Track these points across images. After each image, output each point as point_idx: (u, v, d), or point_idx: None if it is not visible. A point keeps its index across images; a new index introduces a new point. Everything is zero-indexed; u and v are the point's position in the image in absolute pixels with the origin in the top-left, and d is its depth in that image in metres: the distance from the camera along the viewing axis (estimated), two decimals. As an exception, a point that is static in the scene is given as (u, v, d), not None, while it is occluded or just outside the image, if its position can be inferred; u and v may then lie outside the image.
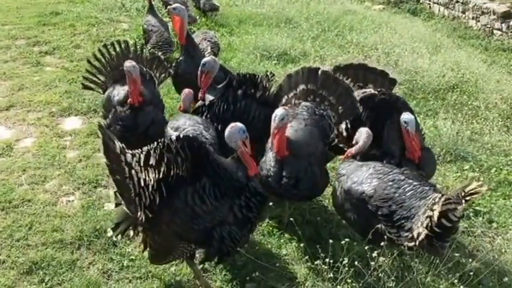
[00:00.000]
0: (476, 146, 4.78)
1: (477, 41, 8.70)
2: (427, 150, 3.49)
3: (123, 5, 8.23)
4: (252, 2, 8.81)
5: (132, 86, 3.72)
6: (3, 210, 3.72)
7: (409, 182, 2.83)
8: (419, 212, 2.66)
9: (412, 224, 2.67)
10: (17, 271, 3.21)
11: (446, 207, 2.50)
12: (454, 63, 6.45)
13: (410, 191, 2.78)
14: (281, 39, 6.86)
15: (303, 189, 3.24)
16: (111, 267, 3.27)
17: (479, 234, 3.56)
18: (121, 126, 3.76)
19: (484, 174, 4.38)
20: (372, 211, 2.84)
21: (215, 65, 3.97)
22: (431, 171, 3.42)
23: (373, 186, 2.86)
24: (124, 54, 4.20)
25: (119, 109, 3.78)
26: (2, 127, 4.90)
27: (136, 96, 3.73)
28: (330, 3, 9.33)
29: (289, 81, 3.72)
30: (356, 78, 3.77)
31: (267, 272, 3.14)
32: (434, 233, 2.58)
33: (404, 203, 2.75)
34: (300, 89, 3.65)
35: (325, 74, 3.62)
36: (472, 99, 5.64)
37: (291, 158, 3.22)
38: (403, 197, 2.78)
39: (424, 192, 2.76)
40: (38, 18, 7.84)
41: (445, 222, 2.52)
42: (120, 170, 2.70)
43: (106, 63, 4.20)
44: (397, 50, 6.61)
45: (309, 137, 3.36)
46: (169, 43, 5.95)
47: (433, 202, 2.62)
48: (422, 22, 9.59)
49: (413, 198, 2.75)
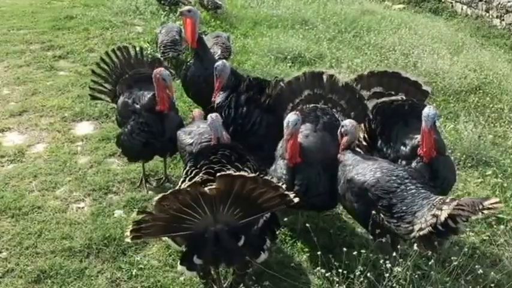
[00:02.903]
0: (500, 151, 4.64)
1: (502, 40, 8.52)
2: (446, 157, 3.34)
3: (137, 8, 8.23)
4: (268, 4, 8.74)
5: (164, 93, 3.71)
6: (13, 217, 3.69)
7: (413, 181, 2.88)
8: (422, 209, 2.70)
9: (414, 218, 2.71)
10: (25, 280, 3.17)
11: (458, 212, 2.53)
12: (477, 64, 6.28)
13: (413, 189, 2.82)
14: (296, 41, 6.77)
15: (315, 198, 3.16)
16: (120, 276, 3.22)
17: (501, 243, 3.44)
18: (148, 133, 3.78)
19: (507, 180, 4.23)
20: (372, 200, 2.89)
21: (225, 69, 3.94)
22: (448, 178, 3.27)
23: (376, 178, 2.92)
24: (126, 60, 4.21)
25: (146, 115, 3.77)
26: (15, 132, 4.90)
27: (166, 103, 3.74)
28: (348, 4, 9.21)
29: (291, 87, 3.64)
30: (389, 87, 3.66)
31: (279, 282, 3.06)
32: (437, 231, 2.62)
33: (405, 199, 2.80)
34: (305, 94, 3.57)
35: (332, 78, 3.56)
36: (496, 101, 5.48)
37: (303, 165, 3.14)
38: (405, 193, 2.82)
39: (426, 194, 2.80)
40: (53, 22, 7.88)
41: (451, 224, 2.56)
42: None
43: (111, 71, 4.20)
44: (416, 51, 6.45)
45: (320, 143, 3.28)
46: (174, 42, 5.90)
47: (441, 202, 2.65)
48: (444, 21, 9.46)
49: (416, 197, 2.79)
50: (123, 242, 3.41)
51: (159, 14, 7.89)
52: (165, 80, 3.66)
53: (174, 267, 3.24)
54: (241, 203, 2.50)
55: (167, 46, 5.88)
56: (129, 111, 3.87)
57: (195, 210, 2.47)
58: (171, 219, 2.48)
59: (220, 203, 2.48)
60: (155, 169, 4.29)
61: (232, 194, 2.45)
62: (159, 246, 3.42)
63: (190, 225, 2.51)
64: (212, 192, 2.43)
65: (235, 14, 8.06)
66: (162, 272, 3.24)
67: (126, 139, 3.85)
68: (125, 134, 3.86)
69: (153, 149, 3.90)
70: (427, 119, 3.08)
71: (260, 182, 2.49)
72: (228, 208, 2.50)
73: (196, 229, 2.53)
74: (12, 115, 5.17)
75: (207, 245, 2.55)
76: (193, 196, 2.42)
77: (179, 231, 2.55)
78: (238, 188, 2.44)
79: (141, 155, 3.96)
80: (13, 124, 5.01)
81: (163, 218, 2.48)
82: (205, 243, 2.55)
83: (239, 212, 2.52)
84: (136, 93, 3.89)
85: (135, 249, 3.41)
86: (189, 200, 2.42)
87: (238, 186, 2.44)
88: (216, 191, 2.43)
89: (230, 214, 2.52)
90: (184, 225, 2.51)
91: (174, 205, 2.43)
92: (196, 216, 2.49)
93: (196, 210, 2.47)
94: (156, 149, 3.91)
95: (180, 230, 2.54)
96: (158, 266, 3.29)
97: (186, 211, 2.46)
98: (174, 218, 2.48)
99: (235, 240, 2.58)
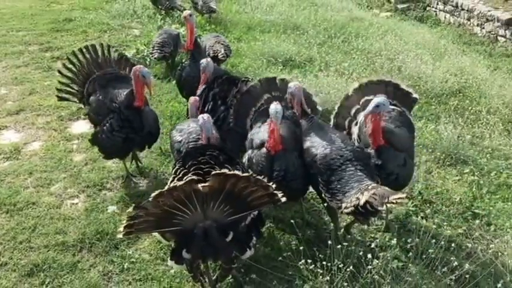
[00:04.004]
0: (477, 150, 4.80)
1: (482, 47, 8.80)
2: (401, 153, 3.38)
3: (134, 12, 8.33)
4: (261, 9, 8.86)
5: (142, 89, 3.81)
6: (8, 212, 3.78)
7: (354, 163, 3.15)
8: (351, 191, 3.01)
9: (343, 197, 3.04)
10: (18, 273, 3.24)
11: (371, 200, 2.80)
12: (458, 69, 6.46)
13: (351, 171, 3.11)
14: (288, 45, 6.92)
15: (292, 182, 3.29)
16: (112, 270, 3.30)
17: (477, 237, 3.57)
18: (128, 128, 3.86)
19: (483, 177, 4.40)
20: (318, 171, 3.23)
21: (209, 65, 4.25)
22: (399, 174, 3.34)
23: (325, 153, 3.23)
24: (94, 59, 4.22)
25: (126, 112, 3.84)
26: (12, 130, 4.99)
27: (142, 99, 3.84)
28: (338, 11, 9.40)
29: (251, 95, 3.83)
30: (386, 94, 3.74)
31: (266, 275, 3.14)
32: (358, 211, 2.91)
33: (342, 179, 3.11)
34: (265, 98, 3.78)
35: (284, 81, 3.83)
36: (474, 103, 5.65)
37: (282, 152, 3.32)
38: (343, 173, 3.12)
39: (361, 177, 3.07)
40: (52, 24, 7.98)
41: (368, 208, 2.83)
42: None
43: (78, 72, 4.20)
44: (401, 56, 6.63)
45: (291, 132, 3.45)
46: (162, 44, 6.03)
47: (365, 188, 2.93)
48: (428, 29, 9.68)
49: (351, 179, 3.09)
50: (115, 237, 3.49)
51: (156, 18, 8.00)
52: (145, 77, 3.76)
53: (165, 261, 3.32)
54: (232, 201, 2.59)
55: (155, 47, 6.06)
56: (106, 110, 3.92)
57: (187, 207, 2.55)
58: (164, 214, 2.56)
59: (211, 200, 2.56)
60: (149, 166, 4.37)
61: (224, 192, 2.54)
62: (150, 240, 3.50)
63: (180, 221, 2.59)
64: (205, 190, 2.51)
65: (230, 19, 8.18)
66: (153, 266, 3.31)
67: (105, 137, 3.90)
68: (104, 132, 3.90)
69: (132, 145, 4.01)
70: (370, 105, 3.28)
71: (252, 181, 2.57)
72: (218, 205, 2.58)
73: (186, 225, 2.60)
74: (10, 114, 5.26)
75: (195, 240, 2.61)
76: (187, 193, 2.50)
77: (170, 226, 2.62)
78: (230, 186, 2.53)
79: (120, 151, 4.02)
80: (10, 122, 5.10)
81: (156, 213, 2.56)
82: (194, 238, 2.62)
83: (229, 209, 2.61)
84: (112, 92, 3.96)
85: (127, 243, 3.48)
86: (182, 197, 2.50)
87: (230, 185, 2.53)
88: (209, 189, 2.51)
89: (220, 211, 2.60)
90: (175, 221, 2.59)
91: (168, 201, 2.51)
92: (187, 212, 2.57)
93: (188, 207, 2.55)
94: (135, 144, 4.03)
95: (170, 226, 2.61)
96: (149, 259, 3.36)
97: (179, 207, 2.54)
98: (166, 214, 2.56)
99: (223, 236, 2.65)
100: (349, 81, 5.71)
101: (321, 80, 5.66)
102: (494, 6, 9.50)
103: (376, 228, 3.67)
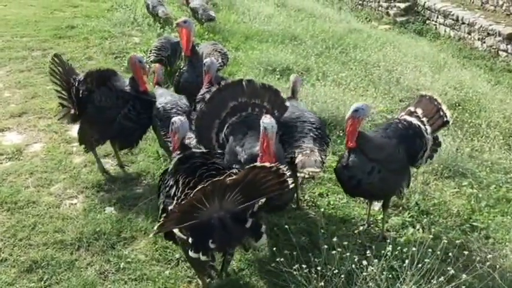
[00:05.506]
0: (476, 163, 4.78)
1: (482, 62, 8.77)
2: (371, 161, 3.40)
3: (135, 20, 8.49)
4: (260, 20, 9.00)
5: (142, 74, 4.16)
6: (9, 210, 3.87)
7: (308, 127, 3.67)
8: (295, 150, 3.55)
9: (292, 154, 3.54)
10: (17, 269, 3.32)
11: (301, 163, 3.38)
12: (457, 82, 6.49)
13: (301, 133, 3.63)
14: (285, 55, 7.02)
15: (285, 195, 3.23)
16: (108, 269, 3.36)
17: (475, 249, 3.56)
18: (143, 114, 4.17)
19: (482, 190, 4.39)
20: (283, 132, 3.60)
21: (212, 65, 4.32)
22: (363, 180, 3.39)
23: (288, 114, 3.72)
24: (63, 66, 4.22)
25: (141, 98, 4.15)
26: (14, 132, 5.10)
27: (145, 83, 4.21)
28: (336, 22, 9.50)
29: (212, 105, 3.57)
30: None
31: (259, 279, 3.20)
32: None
33: (294, 138, 3.61)
34: (230, 106, 3.52)
35: (251, 82, 3.60)
36: (474, 117, 5.67)
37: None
38: (295, 133, 3.63)
39: (302, 140, 3.58)
40: (55, 31, 8.14)
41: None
42: None
43: (61, 79, 4.20)
44: (400, 67, 6.67)
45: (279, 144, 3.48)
46: (159, 48, 6.28)
47: (299, 151, 3.48)
48: (428, 42, 9.69)
49: (300, 138, 3.60)
50: (112, 237, 3.59)
51: (156, 26, 8.17)
52: (141, 62, 4.13)
53: (160, 262, 3.40)
54: (246, 190, 2.61)
55: (152, 51, 6.32)
56: (117, 101, 4.07)
57: (209, 201, 2.59)
58: (190, 209, 2.59)
59: (228, 192, 2.59)
60: (146, 169, 4.47)
61: (244, 183, 2.57)
62: (146, 241, 3.58)
63: (200, 213, 2.62)
64: (230, 182, 2.55)
65: (228, 28, 8.31)
66: (148, 266, 3.38)
67: (126, 125, 4.12)
68: (121, 122, 4.11)
69: (144, 130, 4.35)
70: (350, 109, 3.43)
71: (273, 170, 2.60)
72: (234, 195, 2.61)
73: (203, 217, 2.63)
74: (13, 116, 5.38)
75: (216, 230, 2.63)
76: (215, 188, 2.54)
77: (190, 220, 2.63)
78: (252, 176, 2.57)
79: (139, 138, 4.34)
80: (13, 124, 5.22)
81: (185, 209, 2.61)
82: (213, 229, 2.64)
83: (241, 198, 2.62)
84: (117, 85, 4.15)
85: (123, 243, 3.56)
86: (209, 192, 2.55)
87: (252, 175, 2.57)
88: (234, 181, 2.55)
89: (233, 200, 2.62)
90: (195, 215, 2.62)
91: (198, 196, 2.55)
92: (207, 206, 2.60)
93: (209, 201, 2.59)
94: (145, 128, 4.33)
95: (191, 220, 2.63)
96: (145, 260, 3.43)
97: (204, 202, 2.58)
98: (192, 208, 2.59)
99: (242, 223, 2.68)
100: (346, 91, 5.82)
101: (318, 90, 5.73)
102: (495, 21, 9.43)
103: (371, 237, 3.70)
